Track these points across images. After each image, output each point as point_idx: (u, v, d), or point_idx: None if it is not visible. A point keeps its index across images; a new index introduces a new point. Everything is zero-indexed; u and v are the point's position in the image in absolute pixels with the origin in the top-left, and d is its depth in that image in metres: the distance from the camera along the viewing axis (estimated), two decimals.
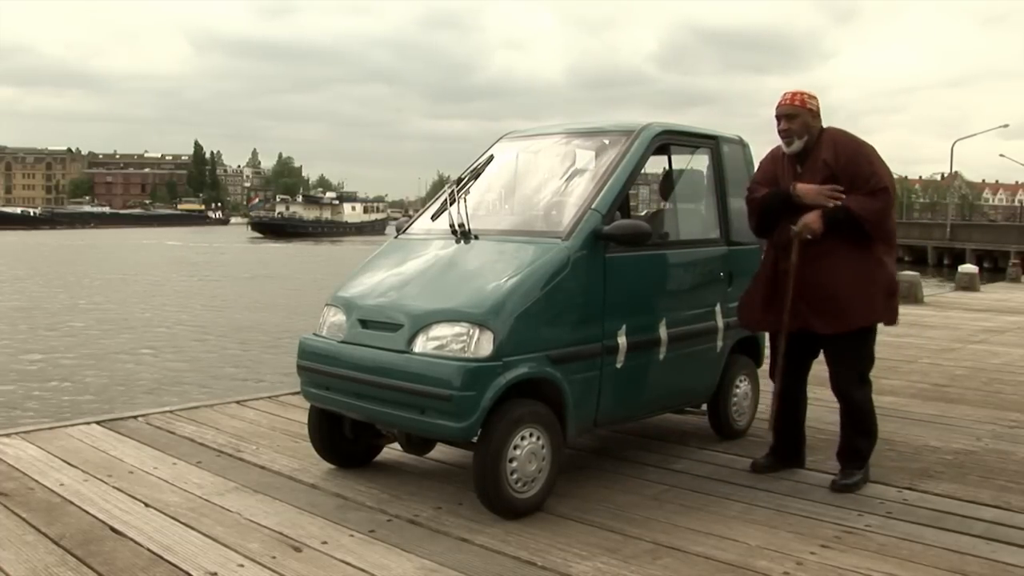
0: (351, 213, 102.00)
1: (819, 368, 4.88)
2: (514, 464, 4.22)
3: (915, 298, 15.13)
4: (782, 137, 4.89)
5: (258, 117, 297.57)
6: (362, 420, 4.79)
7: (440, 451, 5.21)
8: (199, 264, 44.39)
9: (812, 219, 4.70)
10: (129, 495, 4.60)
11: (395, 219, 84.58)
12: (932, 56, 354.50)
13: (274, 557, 3.79)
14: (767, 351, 5.54)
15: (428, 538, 4.02)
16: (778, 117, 4.86)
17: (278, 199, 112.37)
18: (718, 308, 5.48)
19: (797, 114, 4.82)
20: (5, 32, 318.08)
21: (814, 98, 4.89)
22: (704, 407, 5.79)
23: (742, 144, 5.91)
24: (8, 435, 5.82)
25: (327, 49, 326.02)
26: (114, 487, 4.74)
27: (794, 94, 4.87)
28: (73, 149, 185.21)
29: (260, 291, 29.92)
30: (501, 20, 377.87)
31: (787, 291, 4.84)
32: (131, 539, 3.98)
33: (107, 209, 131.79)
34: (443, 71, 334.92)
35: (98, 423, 6.17)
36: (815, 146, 4.84)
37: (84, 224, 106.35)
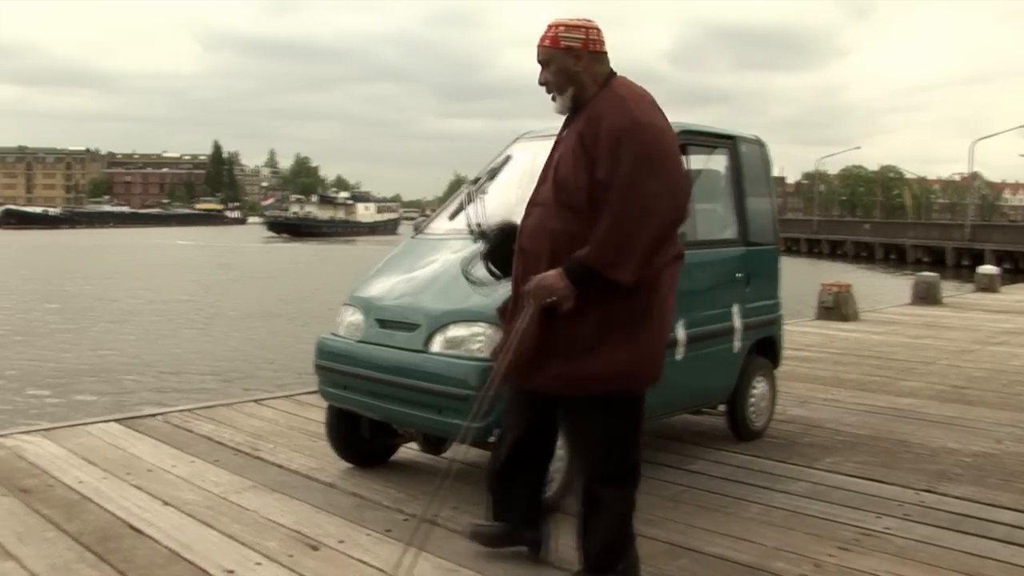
0: (364, 213, 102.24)
1: (836, 369, 4.88)
2: None
3: (934, 299, 15.06)
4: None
5: (270, 116, 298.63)
6: (379, 419, 4.80)
7: (456, 451, 5.20)
8: (214, 264, 44.56)
9: (554, 280, 3.20)
10: (147, 493, 4.63)
11: (409, 219, 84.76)
12: (950, 52, 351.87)
13: (291, 556, 3.81)
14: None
15: (445, 537, 4.02)
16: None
17: (292, 199, 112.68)
18: (736, 309, 5.46)
19: (550, 59, 3.35)
20: (12, 32, 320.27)
21: (577, 28, 3.33)
22: (721, 408, 5.78)
23: (760, 144, 5.90)
24: (28, 432, 5.87)
25: (334, 47, 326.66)
26: (133, 485, 4.77)
27: (549, 27, 3.38)
28: (91, 149, 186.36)
29: (277, 290, 30.00)
30: (509, 17, 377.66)
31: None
32: (149, 537, 4.00)
33: (126, 209, 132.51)
34: (452, 69, 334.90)
35: (117, 421, 6.21)
36: (585, 107, 3.35)
37: (104, 224, 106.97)
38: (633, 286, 3.17)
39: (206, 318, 22.18)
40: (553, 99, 3.43)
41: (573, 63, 3.31)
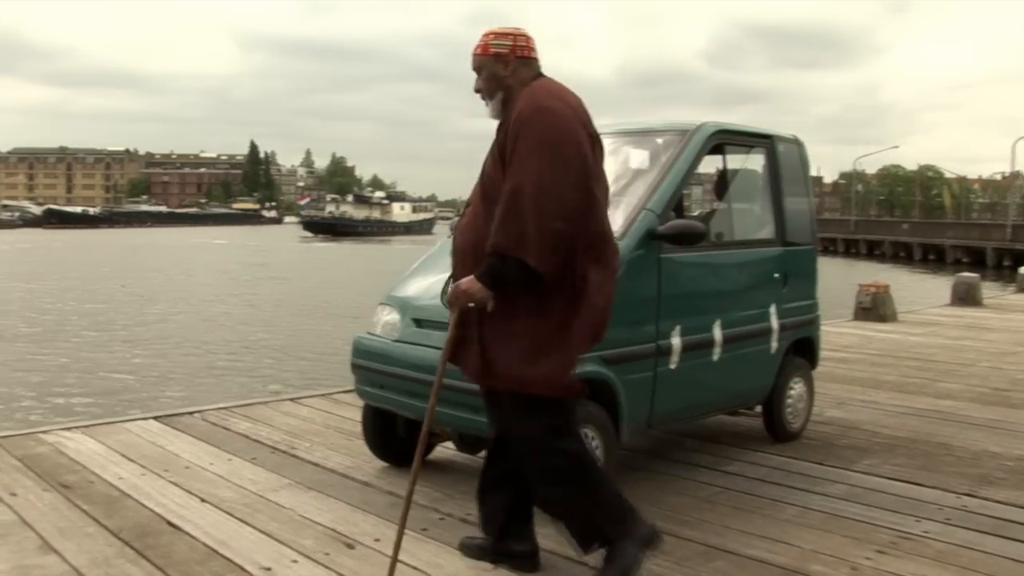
0: (400, 212, 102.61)
1: (874, 370, 4.82)
2: None
3: (974, 300, 14.87)
4: None
5: (306, 116, 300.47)
6: (415, 419, 4.80)
7: None
8: (251, 263, 44.90)
9: (469, 285, 3.31)
10: (185, 490, 4.67)
11: (444, 219, 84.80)
12: (991, 49, 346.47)
13: (327, 554, 3.82)
14: None
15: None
16: None
17: (328, 198, 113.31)
18: (773, 309, 5.43)
19: (481, 66, 3.47)
20: (54, 34, 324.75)
21: (506, 36, 3.46)
22: (758, 409, 5.74)
23: (798, 143, 5.85)
24: (69, 429, 5.96)
25: (369, 47, 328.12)
26: (170, 482, 4.81)
27: (481, 36, 3.51)
28: (130, 149, 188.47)
29: (313, 290, 30.18)
30: (547, 17, 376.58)
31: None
32: (187, 533, 4.04)
33: (164, 208, 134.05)
34: None
35: (155, 419, 6.27)
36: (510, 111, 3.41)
37: (142, 223, 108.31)
38: (551, 285, 3.24)
39: (242, 317, 22.36)
40: (487, 104, 3.51)
41: (502, 69, 3.43)
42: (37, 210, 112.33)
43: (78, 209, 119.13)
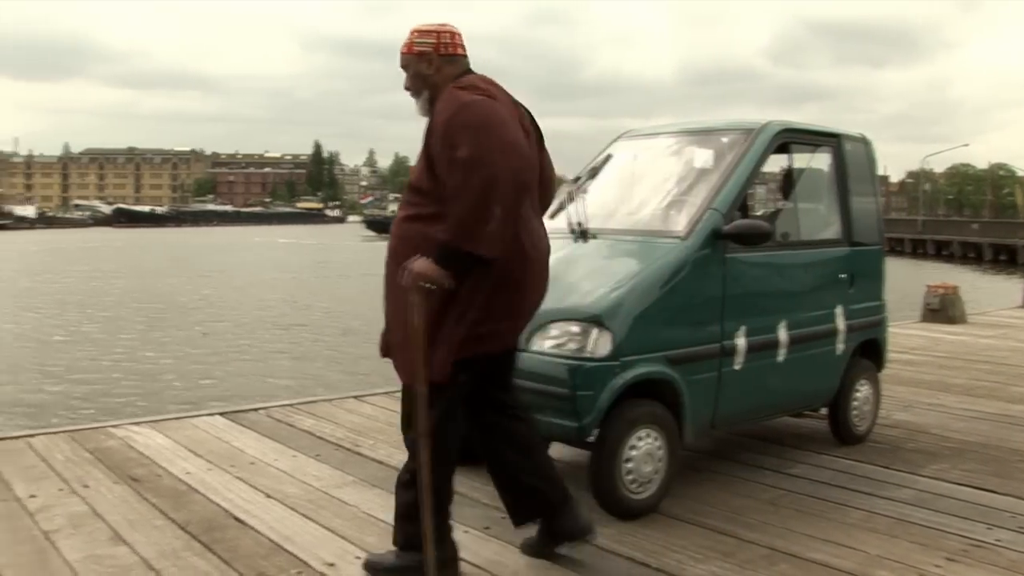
0: None
1: (942, 373, 4.73)
2: (630, 465, 4.20)
3: None
4: None
5: (369, 116, 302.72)
6: None
7: (555, 450, 5.19)
8: (314, 261, 45.39)
9: (424, 267, 3.25)
10: (251, 485, 4.74)
11: None
12: None
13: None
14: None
15: None
16: None
17: (391, 197, 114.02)
18: (839, 310, 5.36)
19: (407, 64, 3.50)
20: (123, 37, 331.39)
21: (429, 33, 3.47)
22: (823, 411, 5.66)
23: (865, 142, 5.77)
24: (138, 424, 6.08)
25: None
26: (236, 477, 4.89)
27: (409, 33, 3.52)
28: (196, 149, 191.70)
29: (375, 288, 30.41)
30: (608, 15, 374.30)
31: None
32: (252, 528, 4.10)
33: (229, 207, 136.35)
34: (549, 68, 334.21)
35: (221, 415, 6.37)
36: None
37: (207, 222, 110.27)
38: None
39: (305, 315, 22.62)
40: (416, 102, 3.53)
41: (426, 67, 3.46)
42: (107, 209, 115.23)
43: (146, 208, 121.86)
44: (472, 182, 3.14)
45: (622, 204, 5.20)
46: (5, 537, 3.97)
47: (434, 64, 3.45)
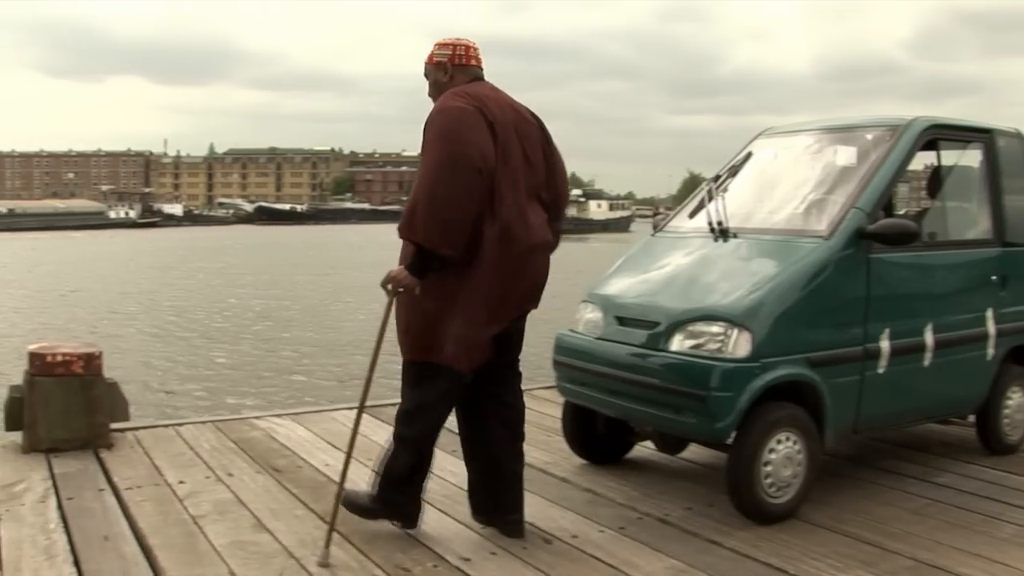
0: (596, 210, 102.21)
1: None
2: (769, 468, 4.14)
3: None
4: None
5: None
6: (616, 417, 4.82)
7: (692, 451, 5.16)
8: None
9: (398, 273, 3.69)
10: None
11: (643, 217, 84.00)
12: None
13: (525, 548, 3.88)
14: None
15: (677, 538, 4.01)
16: None
17: None
18: (990, 313, 5.14)
19: (427, 73, 3.95)
20: (263, 42, 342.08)
21: (447, 46, 3.88)
22: (971, 418, 5.45)
23: (1020, 137, 5.52)
24: (279, 416, 6.30)
25: (563, 45, 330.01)
26: (374, 471, 4.99)
27: (433, 46, 3.95)
28: (335, 149, 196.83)
29: None
30: (743, 10, 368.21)
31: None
32: (391, 521, 4.18)
33: (366, 206, 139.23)
34: (684, 65, 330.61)
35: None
36: None
37: (345, 220, 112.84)
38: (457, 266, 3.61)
39: None
40: None
41: (442, 76, 3.87)
42: (249, 207, 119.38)
43: (287, 206, 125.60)
44: (427, 183, 3.56)
45: (763, 203, 5.11)
46: (157, 520, 4.18)
47: (448, 73, 3.85)
